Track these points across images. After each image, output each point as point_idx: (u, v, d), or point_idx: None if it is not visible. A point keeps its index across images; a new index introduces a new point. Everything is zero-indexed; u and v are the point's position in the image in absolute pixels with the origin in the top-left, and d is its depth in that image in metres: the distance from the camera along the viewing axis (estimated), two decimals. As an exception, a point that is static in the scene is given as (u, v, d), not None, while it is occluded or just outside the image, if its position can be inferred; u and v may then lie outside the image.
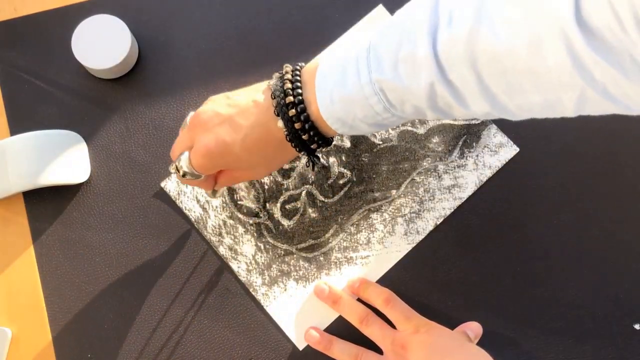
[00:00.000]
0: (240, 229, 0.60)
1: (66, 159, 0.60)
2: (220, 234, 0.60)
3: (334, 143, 0.61)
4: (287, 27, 0.65)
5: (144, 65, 0.64)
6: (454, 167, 0.61)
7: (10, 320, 0.59)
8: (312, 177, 0.61)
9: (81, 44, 0.61)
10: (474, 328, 0.56)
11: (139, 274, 0.60)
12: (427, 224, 0.60)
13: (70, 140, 0.61)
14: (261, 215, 0.61)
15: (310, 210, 0.61)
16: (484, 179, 0.61)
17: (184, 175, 0.49)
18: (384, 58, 0.41)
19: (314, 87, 0.44)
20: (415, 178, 0.61)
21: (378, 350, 0.55)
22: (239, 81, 0.63)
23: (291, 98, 0.44)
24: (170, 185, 0.61)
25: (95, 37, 0.61)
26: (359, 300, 0.58)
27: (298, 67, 0.46)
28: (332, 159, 0.61)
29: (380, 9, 0.64)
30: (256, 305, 0.59)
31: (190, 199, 0.61)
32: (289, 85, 0.45)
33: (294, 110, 0.44)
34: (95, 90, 0.63)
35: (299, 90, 0.45)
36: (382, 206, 0.61)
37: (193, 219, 0.61)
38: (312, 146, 0.46)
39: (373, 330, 0.55)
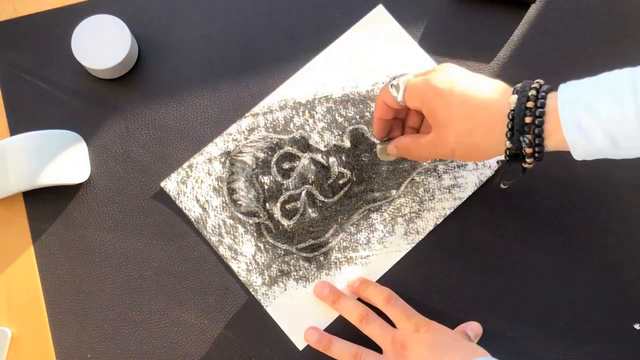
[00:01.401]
0: (240, 229, 0.60)
1: (66, 159, 0.60)
2: (220, 234, 0.60)
3: (333, 143, 0.62)
4: (287, 27, 0.65)
5: (144, 65, 0.64)
6: (454, 167, 0.61)
7: (10, 320, 0.59)
8: (312, 177, 0.61)
9: (81, 44, 0.61)
10: (474, 328, 0.56)
11: (139, 274, 0.60)
12: (427, 224, 0.60)
13: (70, 141, 0.61)
14: (261, 215, 0.61)
15: (310, 210, 0.61)
16: (484, 179, 0.61)
17: (392, 87, 0.52)
18: None
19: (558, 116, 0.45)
20: (415, 178, 0.61)
21: (378, 349, 0.55)
22: (239, 81, 0.63)
23: (529, 137, 0.46)
24: (170, 185, 0.61)
25: (95, 37, 0.61)
26: (359, 299, 0.58)
27: (545, 91, 0.47)
28: (332, 159, 0.61)
29: (380, 9, 0.64)
30: (256, 306, 0.59)
31: (190, 198, 0.61)
32: (528, 119, 0.46)
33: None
34: (95, 90, 0.63)
35: (541, 119, 0.46)
36: (382, 206, 0.61)
37: (193, 219, 0.61)
38: (527, 136, 0.47)
39: (373, 329, 0.55)
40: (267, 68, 0.64)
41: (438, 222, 0.60)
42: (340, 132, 0.62)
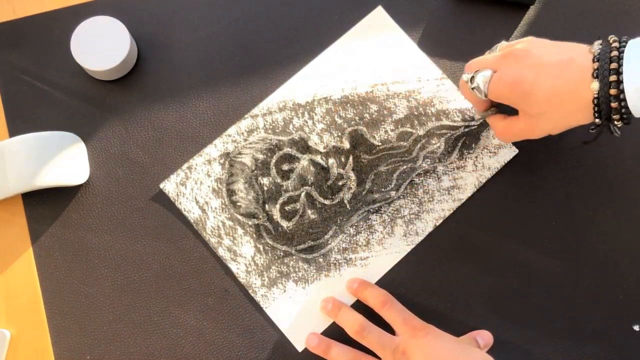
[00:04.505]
0: (240, 230, 0.60)
1: (65, 161, 0.60)
2: (219, 235, 0.60)
3: (333, 144, 0.61)
4: (286, 29, 0.65)
5: (143, 66, 0.64)
6: (453, 169, 0.61)
7: (9, 322, 0.59)
8: (312, 178, 0.61)
9: (80, 46, 0.61)
10: (484, 337, 0.56)
11: (138, 275, 0.60)
12: (426, 225, 0.60)
13: (69, 142, 0.61)
14: (260, 216, 0.61)
15: (309, 211, 0.61)
16: (483, 181, 0.61)
17: (473, 89, 0.53)
18: None
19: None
20: (415, 179, 0.61)
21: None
22: (239, 83, 0.63)
23: (615, 65, 0.46)
24: (169, 186, 0.61)
25: (95, 39, 0.61)
26: (358, 301, 0.58)
27: (625, 39, 0.48)
28: (331, 160, 0.61)
29: (379, 10, 0.65)
30: (255, 307, 0.59)
31: (189, 200, 0.61)
32: (615, 52, 0.47)
33: (615, 77, 0.46)
34: (94, 92, 0.63)
35: (623, 61, 0.46)
36: (381, 207, 0.61)
37: (192, 220, 0.61)
38: (613, 116, 0.47)
39: (371, 340, 0.54)
40: (267, 70, 0.64)
41: (437, 224, 0.60)
42: (340, 134, 0.62)
